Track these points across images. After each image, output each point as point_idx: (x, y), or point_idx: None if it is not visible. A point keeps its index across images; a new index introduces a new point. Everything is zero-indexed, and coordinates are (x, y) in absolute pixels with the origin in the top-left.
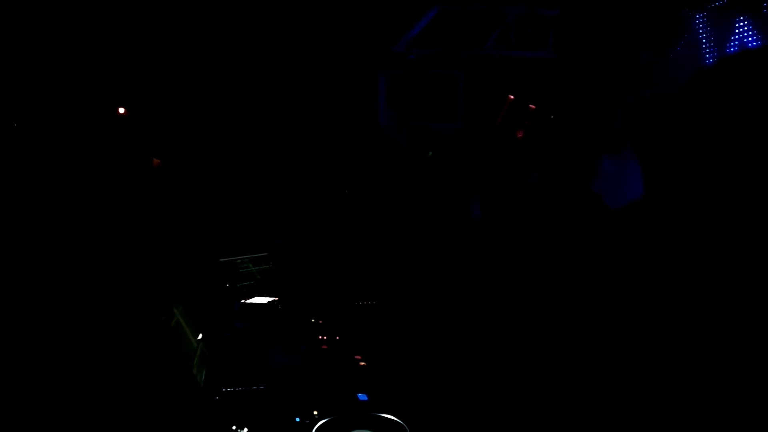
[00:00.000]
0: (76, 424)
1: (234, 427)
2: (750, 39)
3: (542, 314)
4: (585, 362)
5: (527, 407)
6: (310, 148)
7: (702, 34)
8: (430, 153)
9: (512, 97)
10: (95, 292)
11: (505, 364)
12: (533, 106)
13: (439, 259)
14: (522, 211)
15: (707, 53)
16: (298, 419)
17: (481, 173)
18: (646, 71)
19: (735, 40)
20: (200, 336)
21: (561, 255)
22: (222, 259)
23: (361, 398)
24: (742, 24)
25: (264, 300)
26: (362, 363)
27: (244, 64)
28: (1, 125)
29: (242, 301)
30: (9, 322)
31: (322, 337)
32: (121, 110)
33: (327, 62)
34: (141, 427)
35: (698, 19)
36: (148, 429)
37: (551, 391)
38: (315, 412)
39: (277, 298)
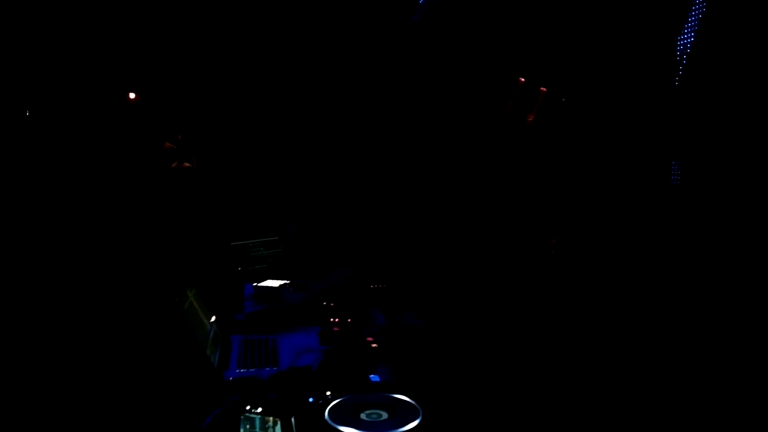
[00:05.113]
0: (92, 405)
1: (248, 408)
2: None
3: (556, 300)
4: (601, 343)
5: (542, 387)
6: (324, 130)
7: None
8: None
9: (523, 79)
10: (109, 275)
11: (520, 346)
12: (544, 89)
13: (452, 243)
14: (532, 200)
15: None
16: (311, 399)
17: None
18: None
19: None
20: (213, 318)
21: (572, 240)
22: (234, 243)
23: (373, 380)
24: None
25: (276, 283)
26: (374, 345)
27: (258, 48)
28: (12, 112)
29: (254, 284)
30: (25, 305)
31: (334, 320)
32: (132, 95)
33: (343, 43)
34: (156, 408)
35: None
36: (163, 410)
37: (566, 375)
38: (328, 393)
39: (288, 281)
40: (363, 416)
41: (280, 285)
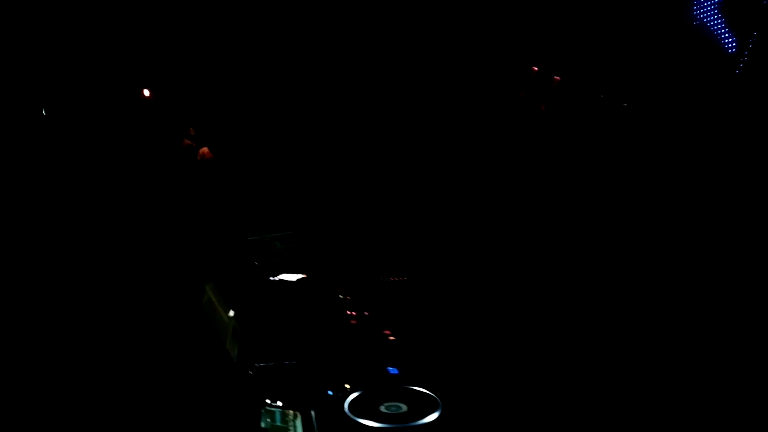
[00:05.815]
0: (119, 397)
1: (268, 401)
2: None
3: (567, 289)
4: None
5: (555, 378)
6: (340, 125)
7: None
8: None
9: (536, 68)
10: (128, 271)
11: (533, 337)
12: (558, 78)
13: (467, 235)
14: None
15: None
16: (330, 392)
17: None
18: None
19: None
20: (232, 313)
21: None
22: (250, 238)
23: (391, 372)
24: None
25: (293, 277)
26: (392, 338)
27: (270, 46)
28: (29, 110)
29: (271, 278)
30: (55, 296)
31: (351, 313)
32: (146, 92)
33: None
34: (178, 401)
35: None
36: (185, 403)
37: (579, 365)
38: (347, 386)
39: (305, 275)
40: (382, 408)
41: (297, 279)
